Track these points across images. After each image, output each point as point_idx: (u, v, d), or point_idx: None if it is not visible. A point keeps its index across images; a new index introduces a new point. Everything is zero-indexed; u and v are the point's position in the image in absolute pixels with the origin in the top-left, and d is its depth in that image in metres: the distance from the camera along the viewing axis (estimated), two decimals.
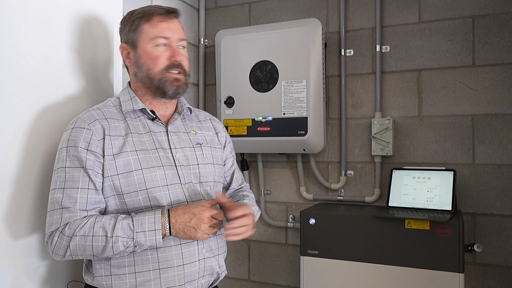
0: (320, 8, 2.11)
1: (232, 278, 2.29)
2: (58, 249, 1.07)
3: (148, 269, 1.10)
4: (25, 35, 1.26)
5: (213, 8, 2.34)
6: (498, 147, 1.81)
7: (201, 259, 1.17)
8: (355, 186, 2.04)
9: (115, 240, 1.04)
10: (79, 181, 1.09)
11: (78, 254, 1.07)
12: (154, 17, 1.20)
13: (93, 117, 1.15)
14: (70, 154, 1.10)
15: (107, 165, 1.11)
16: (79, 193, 1.08)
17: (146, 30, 1.19)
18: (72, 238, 1.05)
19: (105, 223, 1.06)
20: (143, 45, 1.19)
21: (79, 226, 1.06)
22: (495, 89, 1.81)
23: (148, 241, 1.05)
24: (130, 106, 1.21)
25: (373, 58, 2.00)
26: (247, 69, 2.02)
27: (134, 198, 1.12)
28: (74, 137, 1.11)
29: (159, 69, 1.18)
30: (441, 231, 1.56)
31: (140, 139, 1.17)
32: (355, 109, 2.04)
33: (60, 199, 1.08)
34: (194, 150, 1.25)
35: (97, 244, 1.05)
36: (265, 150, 2.07)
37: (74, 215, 1.07)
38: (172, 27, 1.21)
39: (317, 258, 1.75)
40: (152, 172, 1.14)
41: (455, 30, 1.87)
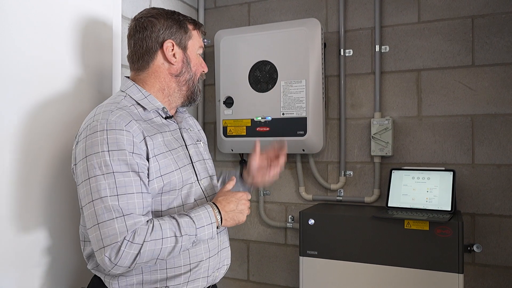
0: (320, 8, 2.11)
1: (231, 278, 2.28)
2: (125, 260, 0.99)
3: (179, 265, 1.13)
4: (23, 33, 1.25)
5: (212, 8, 2.34)
6: (497, 147, 1.81)
7: (221, 250, 1.24)
8: (355, 187, 2.04)
9: (184, 239, 1.05)
10: (133, 185, 1.04)
11: (144, 261, 1.02)
12: (200, 29, 1.29)
13: (126, 117, 1.09)
14: (115, 158, 1.03)
15: (153, 167, 1.10)
16: (136, 198, 1.04)
17: (196, 38, 1.26)
18: (143, 244, 1.00)
19: (169, 224, 1.05)
20: (193, 50, 1.25)
21: (148, 231, 1.01)
22: (494, 89, 1.81)
23: (207, 234, 1.09)
24: (150, 104, 1.18)
25: (373, 58, 2.00)
26: (246, 69, 2.02)
27: (170, 196, 1.13)
28: (115, 140, 1.04)
29: (199, 75, 1.28)
30: (441, 232, 1.56)
31: (164, 138, 1.17)
32: (355, 109, 2.04)
33: (118, 207, 1.01)
34: (197, 146, 1.29)
35: (167, 245, 1.03)
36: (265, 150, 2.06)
37: (139, 221, 1.02)
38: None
39: (316, 259, 1.75)
40: (187, 170, 1.18)
41: (455, 30, 1.87)
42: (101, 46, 1.54)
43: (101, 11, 1.53)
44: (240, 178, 1.45)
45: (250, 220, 2.25)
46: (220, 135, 2.09)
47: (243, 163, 2.21)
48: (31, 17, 1.28)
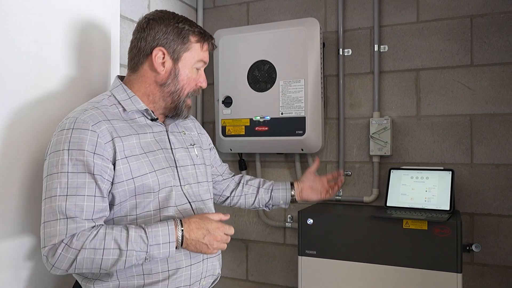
0: (318, 8, 2.11)
1: (230, 278, 2.28)
2: (61, 263, 0.97)
3: (157, 271, 1.08)
4: (21, 32, 1.25)
5: (211, 7, 2.34)
6: (496, 147, 1.80)
7: (205, 259, 1.17)
8: (353, 186, 2.04)
9: (129, 255, 0.99)
10: (85, 187, 1.01)
11: (83, 268, 0.99)
12: (205, 43, 1.21)
13: (96, 117, 1.06)
14: (73, 158, 1.01)
15: (122, 169, 1.06)
16: (86, 200, 1.00)
17: (195, 51, 1.18)
18: (80, 251, 0.97)
19: (116, 235, 0.99)
20: (186, 63, 1.18)
21: (89, 238, 0.98)
22: (493, 89, 1.81)
23: (162, 253, 1.02)
24: (132, 106, 1.15)
25: (371, 57, 2.00)
26: (245, 68, 2.02)
27: (146, 199, 1.09)
28: (77, 139, 1.02)
29: (188, 91, 1.20)
30: (439, 231, 1.55)
31: (145, 140, 1.13)
32: (353, 108, 2.04)
33: (64, 208, 0.98)
34: (189, 150, 1.24)
35: (108, 257, 0.98)
36: (263, 150, 2.07)
37: (81, 226, 0.99)
38: (208, 55, 1.25)
39: (315, 258, 1.75)
40: (164, 173, 1.12)
41: (453, 29, 1.87)
42: (99, 45, 1.53)
43: (99, 11, 1.53)
44: (291, 185, 1.52)
45: (249, 219, 2.25)
46: (219, 135, 2.09)
47: (242, 162, 2.21)
48: (28, 16, 1.27)
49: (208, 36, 1.21)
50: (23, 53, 1.25)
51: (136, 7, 1.84)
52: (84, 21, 1.46)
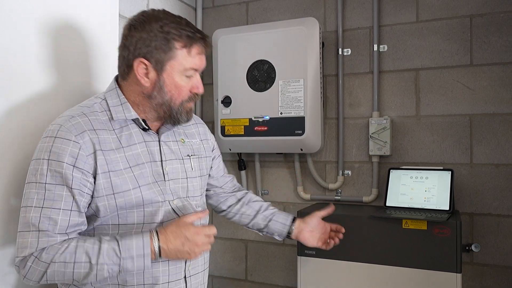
0: (318, 7, 2.10)
1: (229, 278, 2.28)
2: (32, 275, 0.96)
3: (132, 284, 1.04)
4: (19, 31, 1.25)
5: (210, 7, 2.34)
6: (496, 147, 1.80)
7: (187, 277, 1.13)
8: (353, 186, 2.04)
9: (100, 268, 0.95)
10: (62, 201, 0.97)
11: (55, 280, 0.97)
12: (194, 47, 1.08)
13: (81, 127, 1.01)
14: (52, 169, 0.97)
15: (102, 184, 1.01)
16: (61, 214, 0.97)
17: (181, 58, 1.06)
18: (50, 264, 0.95)
19: (88, 248, 0.96)
20: (172, 73, 1.07)
21: (59, 252, 0.95)
22: (493, 89, 1.81)
23: (136, 266, 0.98)
24: (121, 114, 1.08)
25: (371, 57, 1.99)
26: (244, 68, 2.01)
27: (129, 215, 1.05)
28: (58, 149, 0.98)
29: (180, 100, 1.10)
30: (439, 231, 1.55)
31: (133, 152, 1.07)
32: (353, 108, 2.04)
33: (37, 221, 0.95)
34: (183, 162, 1.17)
35: (79, 271, 0.95)
36: (263, 150, 2.06)
37: (53, 240, 0.96)
38: (204, 59, 1.12)
39: (314, 258, 1.75)
40: (149, 189, 1.07)
41: (453, 29, 1.87)
42: (98, 45, 1.53)
43: (98, 10, 1.52)
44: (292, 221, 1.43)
45: None
46: (218, 135, 2.08)
47: (241, 162, 2.21)
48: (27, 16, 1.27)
49: (197, 38, 1.08)
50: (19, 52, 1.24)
51: (135, 6, 1.84)
52: (82, 21, 1.46)
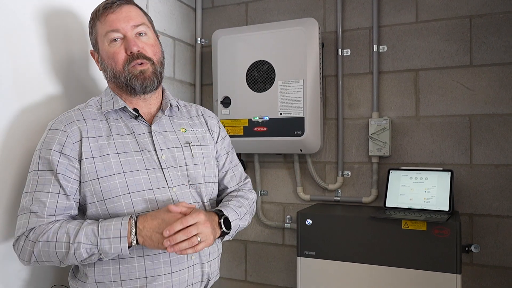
0: (317, 8, 2.10)
1: (228, 279, 2.28)
2: (24, 255, 1.03)
3: (134, 277, 1.05)
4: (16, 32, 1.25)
5: (210, 7, 2.33)
6: (495, 148, 1.80)
7: (191, 266, 1.12)
8: (352, 187, 2.04)
9: (77, 247, 0.98)
10: (50, 185, 1.04)
11: (44, 261, 1.02)
12: (101, 13, 1.13)
13: (71, 118, 1.09)
14: (42, 157, 1.05)
15: (87, 168, 1.05)
16: (49, 197, 1.03)
17: (98, 29, 1.14)
18: (36, 243, 1.00)
19: (70, 229, 1.00)
20: (102, 46, 1.14)
21: (43, 231, 1.01)
22: (492, 89, 1.81)
23: (113, 248, 0.98)
24: (110, 105, 1.14)
25: (370, 58, 1.99)
26: (244, 69, 2.01)
27: (116, 203, 1.05)
28: (49, 139, 1.07)
29: (121, 65, 1.12)
30: (438, 232, 1.55)
31: (122, 140, 1.10)
32: (352, 109, 2.03)
33: (29, 203, 1.03)
34: (183, 150, 1.17)
35: (60, 250, 0.99)
36: (262, 151, 2.06)
37: (41, 220, 1.02)
38: (121, 17, 1.12)
39: (314, 259, 1.74)
40: (135, 176, 1.07)
41: (453, 30, 1.87)
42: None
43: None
44: None
45: None
46: None
47: (241, 163, 2.20)
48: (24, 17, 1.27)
49: (99, 6, 1.15)
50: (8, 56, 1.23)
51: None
52: (81, 22, 1.45)
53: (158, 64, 1.16)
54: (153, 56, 1.15)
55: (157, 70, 1.15)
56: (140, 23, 1.15)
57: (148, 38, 1.16)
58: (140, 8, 1.20)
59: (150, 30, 1.18)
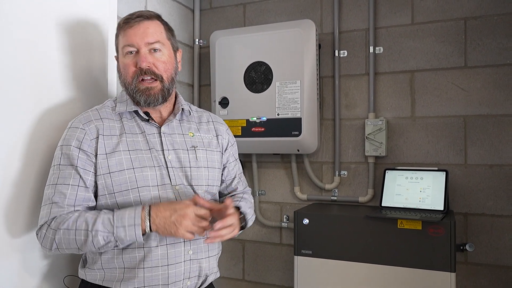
0: (314, 10, 2.12)
1: (226, 278, 2.29)
2: (46, 242, 1.11)
3: (134, 266, 1.12)
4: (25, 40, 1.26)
5: (208, 9, 2.35)
6: (489, 148, 1.83)
7: (187, 260, 1.17)
8: (349, 186, 2.06)
9: (94, 234, 1.06)
10: (70, 178, 1.12)
11: (64, 248, 1.10)
12: (123, 26, 1.20)
13: (89, 117, 1.19)
14: (64, 153, 1.14)
15: (100, 163, 1.14)
16: (69, 189, 1.11)
17: (119, 40, 1.22)
18: (57, 231, 1.08)
19: (88, 218, 1.08)
20: (120, 55, 1.23)
21: (64, 220, 1.09)
22: (486, 90, 1.83)
23: (128, 236, 1.06)
24: (124, 107, 1.23)
25: (367, 59, 2.01)
26: (242, 70, 2.03)
27: (125, 197, 1.14)
28: (69, 136, 1.16)
29: (130, 78, 1.19)
30: (433, 231, 1.57)
31: (134, 139, 1.19)
32: (349, 110, 2.05)
33: (51, 195, 1.12)
34: (188, 152, 1.24)
35: (80, 237, 1.07)
36: (260, 151, 2.08)
37: (62, 210, 1.10)
38: (138, 32, 1.18)
39: (311, 258, 1.76)
40: (143, 172, 1.15)
41: (448, 31, 1.89)
42: (96, 46, 1.54)
43: (97, 12, 1.54)
44: None
45: None
46: None
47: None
48: (27, 22, 1.28)
49: (126, 18, 1.20)
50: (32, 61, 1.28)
51: (133, 8, 1.85)
52: (81, 23, 1.47)
53: (167, 80, 1.21)
54: (163, 72, 1.21)
55: (165, 87, 1.21)
56: (155, 41, 1.19)
57: (162, 55, 1.21)
58: (162, 22, 1.25)
59: (166, 47, 1.23)
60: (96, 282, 1.16)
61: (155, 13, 1.24)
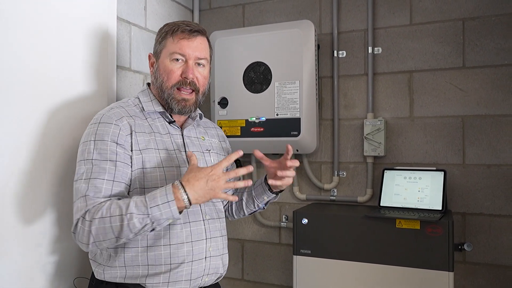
0: (313, 10, 2.13)
1: (225, 277, 2.30)
2: (82, 237, 1.08)
3: (160, 263, 1.16)
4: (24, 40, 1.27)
5: (207, 9, 2.36)
6: (487, 148, 1.84)
7: (208, 257, 1.23)
8: (348, 186, 2.06)
9: (129, 217, 1.04)
10: (106, 172, 1.12)
11: (101, 240, 1.07)
12: (177, 33, 1.26)
13: (120, 114, 1.20)
14: (98, 147, 1.14)
15: (135, 159, 1.17)
16: (104, 184, 1.12)
17: (168, 44, 1.26)
18: (92, 222, 1.06)
19: (120, 203, 1.08)
20: (163, 58, 1.27)
21: (97, 210, 1.08)
22: (484, 91, 1.84)
23: (164, 214, 1.05)
24: (151, 107, 1.28)
25: (365, 59, 2.02)
26: (241, 70, 2.03)
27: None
28: (102, 132, 1.16)
29: (171, 83, 1.25)
30: (431, 231, 1.58)
31: (162, 139, 1.25)
32: (348, 110, 2.06)
33: (85, 190, 1.11)
34: (204, 155, 1.33)
35: (115, 224, 1.05)
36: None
37: (96, 202, 1.10)
38: (192, 45, 1.26)
39: (310, 258, 1.77)
40: (170, 171, 1.21)
41: (446, 32, 1.90)
42: (96, 47, 1.55)
43: (96, 13, 1.54)
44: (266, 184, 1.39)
45: (245, 219, 2.27)
46: None
47: (238, 163, 2.23)
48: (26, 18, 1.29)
49: (182, 26, 1.26)
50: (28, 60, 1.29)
51: (133, 9, 1.85)
52: (80, 23, 1.47)
53: (202, 94, 1.32)
54: (201, 86, 1.31)
55: (198, 99, 1.31)
56: (204, 57, 1.29)
57: (204, 70, 1.31)
58: (208, 39, 1.34)
59: (208, 65, 1.33)
60: (116, 281, 1.17)
61: (204, 29, 1.32)
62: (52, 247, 1.37)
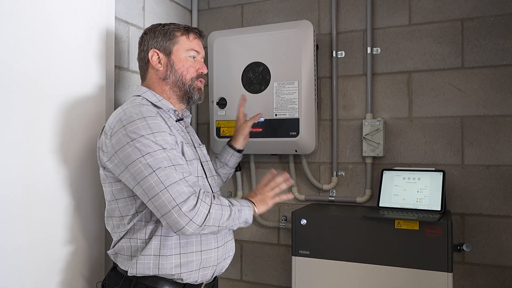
0: (312, 10, 2.13)
1: (224, 278, 2.30)
2: (198, 217, 1.14)
3: (191, 251, 1.26)
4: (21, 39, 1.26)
5: (206, 9, 2.35)
6: (486, 148, 1.83)
7: (227, 241, 1.38)
8: (347, 187, 2.06)
9: (234, 210, 1.22)
10: (180, 158, 1.21)
11: (212, 224, 1.17)
12: (190, 34, 1.40)
13: (151, 111, 1.23)
14: (160, 139, 1.17)
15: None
16: (186, 167, 1.21)
17: (182, 42, 1.37)
18: (211, 205, 1.17)
19: (225, 200, 1.24)
20: (178, 53, 1.36)
21: (212, 196, 1.20)
22: (483, 91, 1.84)
23: (247, 214, 1.28)
24: (166, 106, 1.34)
25: (364, 59, 2.02)
26: (239, 70, 2.03)
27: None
28: (155, 125, 1.19)
29: (190, 76, 1.38)
30: (430, 231, 1.58)
31: (182, 134, 1.33)
32: (347, 110, 2.06)
33: (175, 172, 1.15)
34: (201, 149, 1.46)
35: (226, 212, 1.20)
36: (257, 151, 2.08)
37: (198, 184, 1.21)
38: (201, 45, 1.44)
39: (309, 258, 1.77)
40: (193, 164, 1.31)
41: (445, 32, 1.90)
42: (94, 47, 1.54)
43: (94, 13, 1.54)
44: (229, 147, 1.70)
45: None
46: (214, 136, 2.10)
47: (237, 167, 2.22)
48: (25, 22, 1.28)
49: (192, 28, 1.41)
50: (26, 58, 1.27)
51: (131, 9, 1.85)
52: (78, 24, 1.47)
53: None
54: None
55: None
56: (204, 54, 1.48)
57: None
58: None
59: None
60: (149, 273, 1.21)
61: None
62: (65, 249, 1.41)
